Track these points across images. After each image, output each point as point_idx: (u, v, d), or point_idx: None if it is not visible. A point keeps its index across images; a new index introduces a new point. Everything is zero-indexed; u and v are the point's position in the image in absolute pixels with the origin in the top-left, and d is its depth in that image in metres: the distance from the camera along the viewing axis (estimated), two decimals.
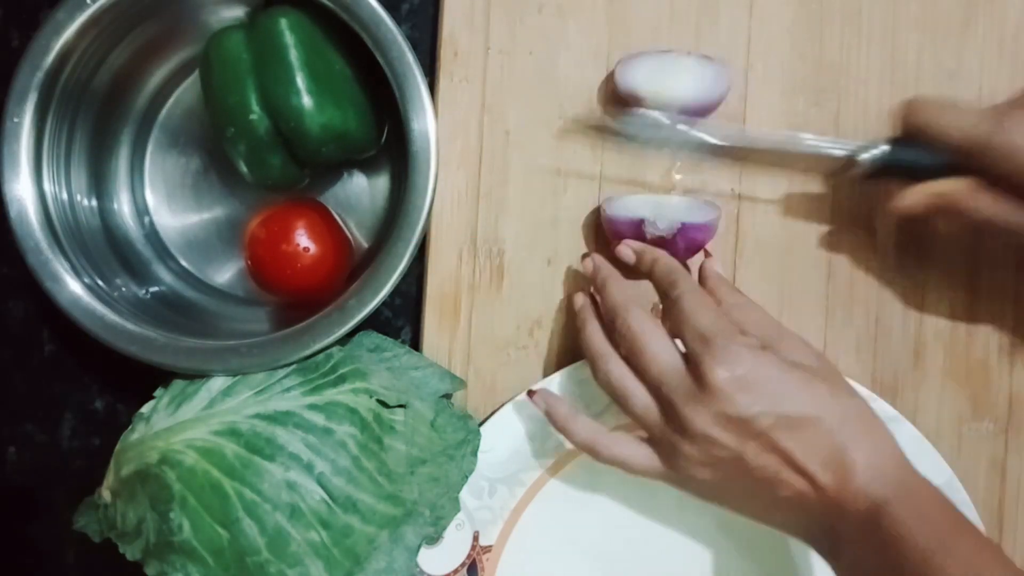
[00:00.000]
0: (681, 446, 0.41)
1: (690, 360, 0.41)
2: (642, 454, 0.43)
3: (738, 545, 0.50)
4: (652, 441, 0.43)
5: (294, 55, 0.45)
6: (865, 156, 0.45)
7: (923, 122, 0.44)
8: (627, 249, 0.47)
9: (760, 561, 0.50)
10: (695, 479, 0.42)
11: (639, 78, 0.48)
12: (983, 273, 0.51)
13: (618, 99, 0.49)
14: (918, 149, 0.44)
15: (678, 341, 0.42)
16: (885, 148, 0.45)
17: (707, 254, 0.49)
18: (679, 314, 0.42)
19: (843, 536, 0.39)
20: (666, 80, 0.48)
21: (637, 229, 0.47)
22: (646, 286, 0.46)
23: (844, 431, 0.39)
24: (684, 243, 0.47)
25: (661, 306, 0.45)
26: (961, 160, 0.43)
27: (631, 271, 0.46)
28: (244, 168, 0.47)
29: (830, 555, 0.40)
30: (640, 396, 0.42)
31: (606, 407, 0.49)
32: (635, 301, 0.44)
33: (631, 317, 0.43)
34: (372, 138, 0.48)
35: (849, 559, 0.39)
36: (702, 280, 0.46)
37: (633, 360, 0.42)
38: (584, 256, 0.48)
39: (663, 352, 0.41)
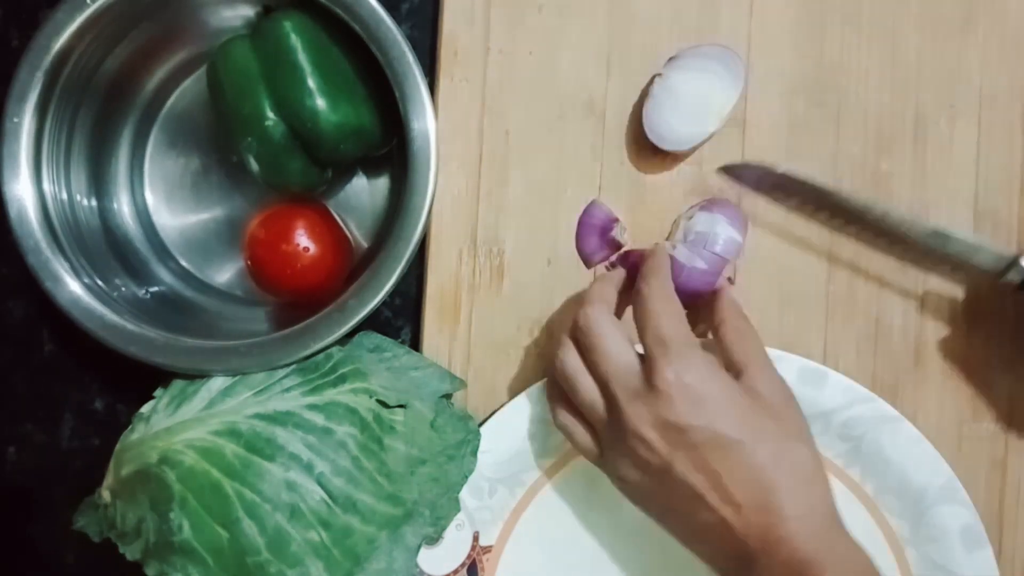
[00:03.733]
0: (616, 444, 0.41)
1: (644, 361, 0.41)
2: (586, 436, 0.44)
3: None
4: (595, 428, 0.43)
5: (302, 57, 0.45)
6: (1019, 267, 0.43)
7: None
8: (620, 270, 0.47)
9: None
10: (625, 480, 0.42)
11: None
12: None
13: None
14: None
15: (638, 346, 0.42)
16: None
17: (731, 282, 0.49)
18: (643, 313, 0.42)
19: None
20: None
21: (605, 227, 0.48)
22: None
23: (779, 473, 0.38)
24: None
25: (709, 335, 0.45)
26: None
27: None
28: (264, 175, 0.47)
29: None
30: (588, 390, 0.42)
31: None
32: (606, 301, 0.43)
33: (592, 311, 0.42)
34: (386, 133, 0.48)
35: None
36: (715, 299, 0.45)
37: (586, 355, 0.42)
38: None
39: (618, 351, 0.41)
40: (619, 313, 0.45)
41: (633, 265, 0.48)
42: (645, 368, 0.40)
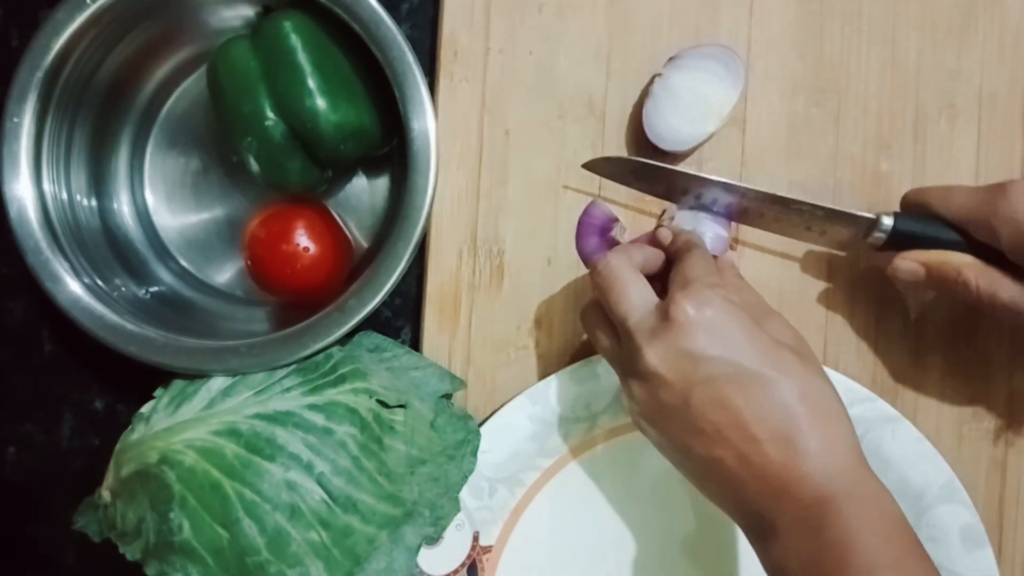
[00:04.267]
0: (633, 386, 0.40)
1: (665, 300, 0.40)
2: (608, 342, 0.43)
3: (740, 546, 0.50)
4: (617, 375, 0.43)
5: (302, 57, 0.45)
6: (879, 230, 0.45)
7: (927, 201, 0.44)
8: (665, 231, 0.46)
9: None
10: (644, 423, 0.41)
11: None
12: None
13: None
14: (932, 224, 0.44)
15: None
16: (891, 220, 0.45)
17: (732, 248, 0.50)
18: (680, 266, 0.42)
19: (778, 523, 0.36)
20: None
21: (605, 227, 0.49)
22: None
23: (801, 408, 0.37)
24: None
25: None
26: (966, 235, 0.43)
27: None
28: (264, 175, 0.47)
29: (759, 540, 0.38)
30: (606, 336, 0.43)
31: (606, 407, 0.49)
32: (628, 253, 0.43)
33: (613, 257, 0.42)
34: (386, 132, 0.48)
35: (780, 550, 0.36)
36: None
37: (604, 299, 0.42)
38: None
39: (635, 291, 0.41)
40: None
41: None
42: (665, 305, 0.40)
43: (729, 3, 0.51)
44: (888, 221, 0.45)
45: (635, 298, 0.41)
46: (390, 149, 0.51)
